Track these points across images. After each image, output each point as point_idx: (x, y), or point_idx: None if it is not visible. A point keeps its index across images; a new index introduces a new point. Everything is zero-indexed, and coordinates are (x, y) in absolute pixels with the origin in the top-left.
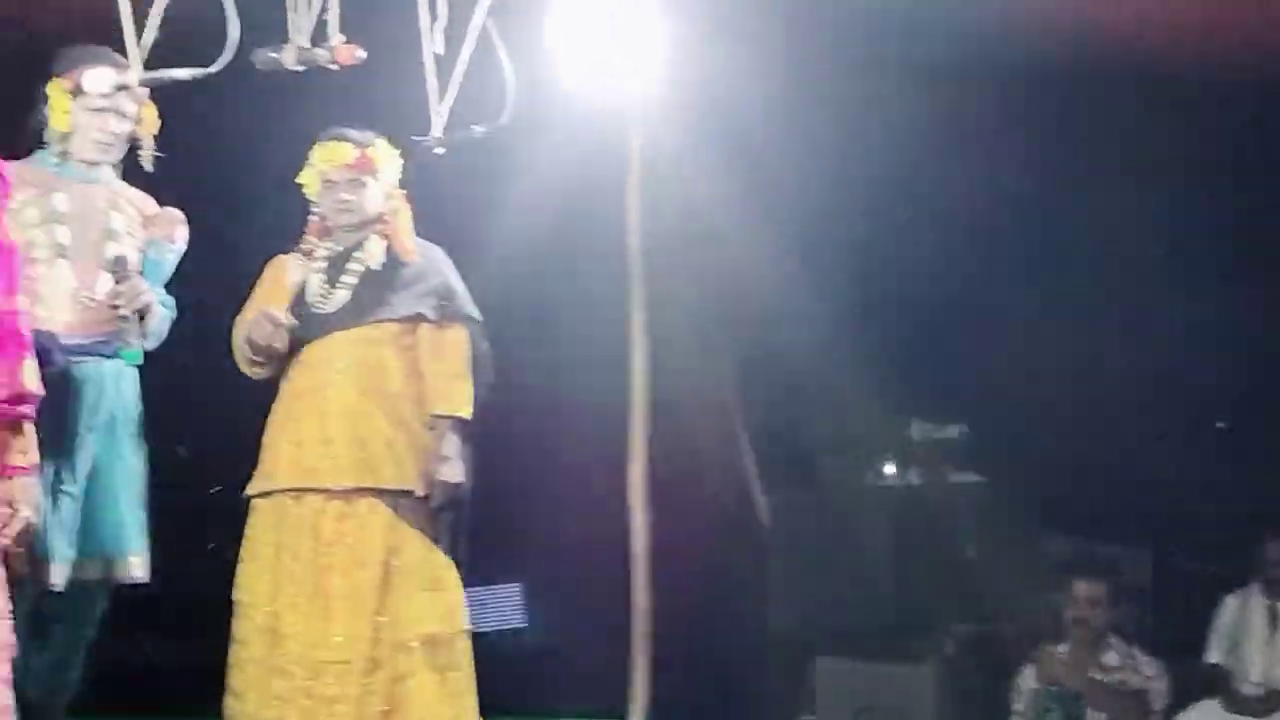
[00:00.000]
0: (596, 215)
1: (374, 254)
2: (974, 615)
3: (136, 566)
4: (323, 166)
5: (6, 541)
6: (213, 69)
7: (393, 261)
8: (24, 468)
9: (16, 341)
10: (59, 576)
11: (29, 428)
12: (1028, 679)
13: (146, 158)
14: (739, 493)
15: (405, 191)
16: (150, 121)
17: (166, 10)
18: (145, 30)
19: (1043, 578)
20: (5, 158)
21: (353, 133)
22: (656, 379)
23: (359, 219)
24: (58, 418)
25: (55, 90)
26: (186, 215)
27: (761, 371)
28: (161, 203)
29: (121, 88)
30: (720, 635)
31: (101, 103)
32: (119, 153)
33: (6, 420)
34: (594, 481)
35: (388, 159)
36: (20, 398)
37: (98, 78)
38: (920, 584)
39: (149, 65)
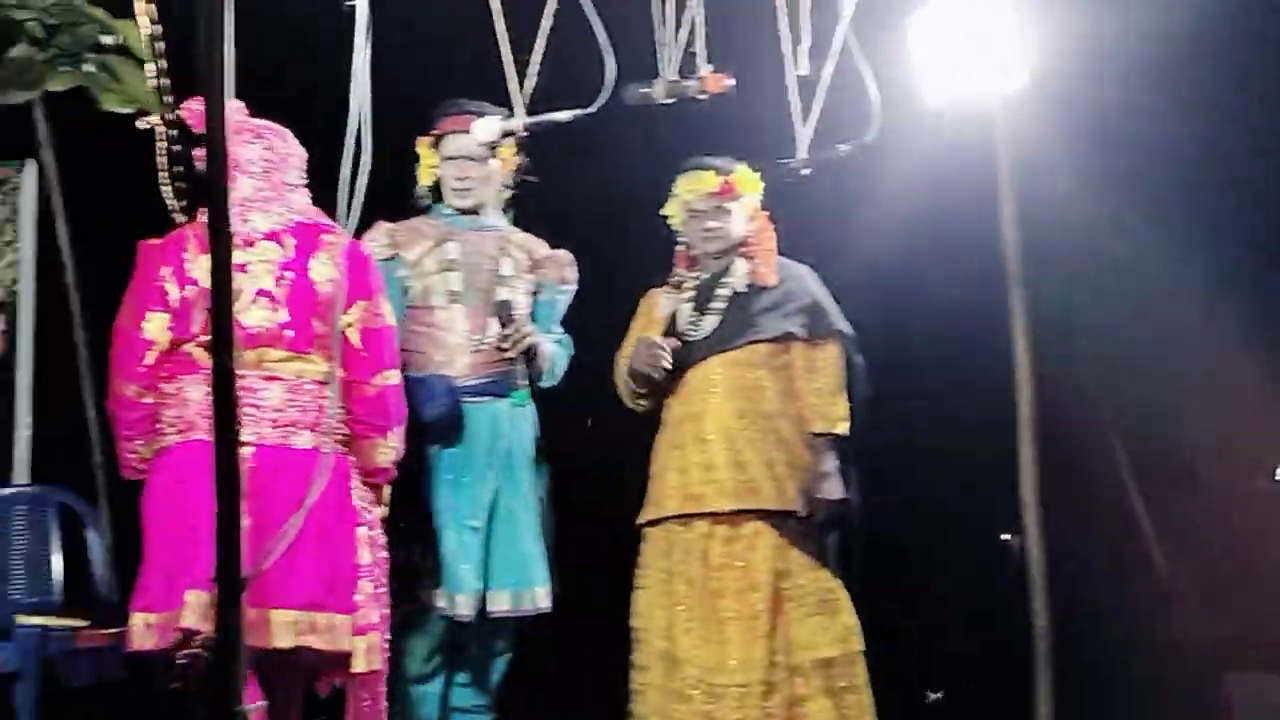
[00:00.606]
0: (969, 226)
1: (740, 278)
2: None
3: (541, 597)
4: (687, 196)
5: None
6: (592, 109)
7: (759, 283)
8: (375, 521)
9: (400, 412)
10: (467, 608)
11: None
12: None
13: (505, 194)
14: (1123, 503)
15: (770, 213)
16: (509, 160)
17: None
18: (526, 78)
19: None
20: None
21: (715, 160)
22: (1042, 390)
23: (725, 245)
24: (459, 456)
25: (421, 147)
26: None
27: (1143, 372)
28: (551, 245)
29: (508, 134)
30: (1121, 651)
31: (453, 151)
32: (480, 197)
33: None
34: (981, 497)
35: (750, 184)
36: (398, 464)
37: (486, 127)
38: None
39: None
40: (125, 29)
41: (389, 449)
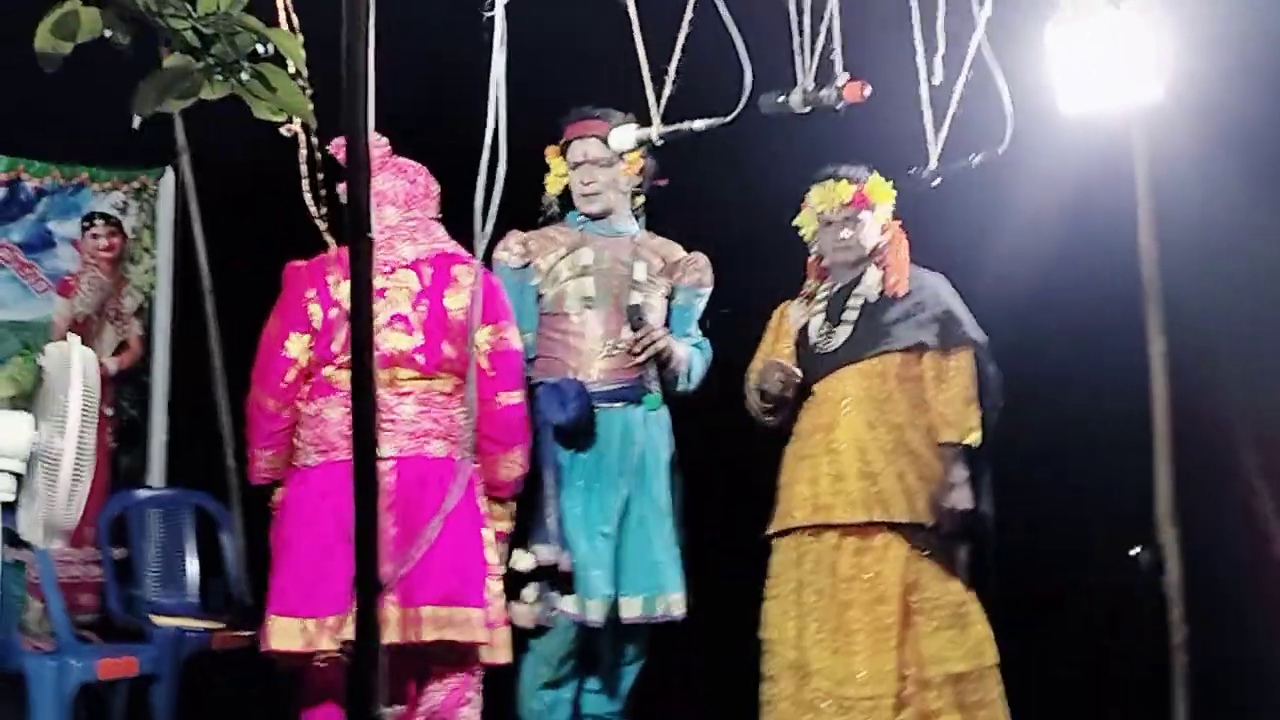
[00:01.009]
0: (1105, 237)
1: (872, 288)
2: None
3: (675, 604)
4: (820, 206)
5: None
6: (728, 118)
7: (891, 293)
8: (503, 533)
9: (525, 430)
10: (598, 614)
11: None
12: None
13: (638, 200)
14: (1260, 519)
15: (901, 222)
16: (635, 164)
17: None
18: (663, 86)
19: None
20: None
21: (847, 170)
22: (1178, 403)
23: (858, 255)
24: (591, 462)
25: (550, 156)
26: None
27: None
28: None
29: (643, 143)
30: (1264, 665)
31: (579, 157)
32: (607, 202)
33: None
34: (1117, 510)
35: (882, 193)
36: (525, 478)
37: (621, 135)
38: None
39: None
40: (280, 38)
41: (513, 464)
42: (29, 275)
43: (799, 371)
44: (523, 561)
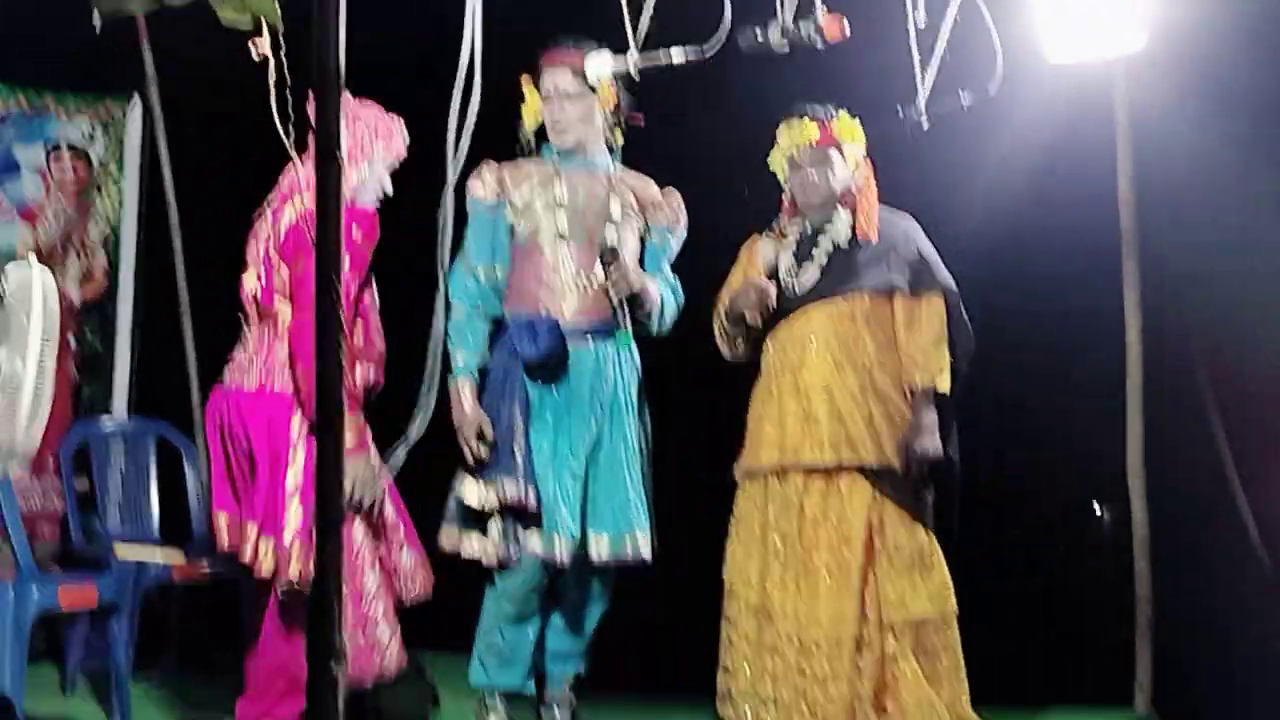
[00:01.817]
0: (1085, 185)
1: (842, 229)
2: None
3: (642, 543)
4: (787, 146)
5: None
6: (707, 48)
7: (861, 237)
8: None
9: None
10: (565, 552)
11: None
12: None
13: (616, 131)
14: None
15: (873, 164)
16: (608, 98)
17: None
18: (641, 16)
19: None
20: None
21: (816, 109)
22: (1151, 352)
23: (825, 196)
24: (562, 398)
25: (526, 87)
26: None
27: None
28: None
29: (620, 74)
30: (1225, 625)
31: (549, 89)
32: (579, 135)
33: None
34: (1088, 459)
35: (851, 132)
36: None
37: (599, 64)
38: None
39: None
40: None
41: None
42: None
43: (773, 289)
44: (490, 497)
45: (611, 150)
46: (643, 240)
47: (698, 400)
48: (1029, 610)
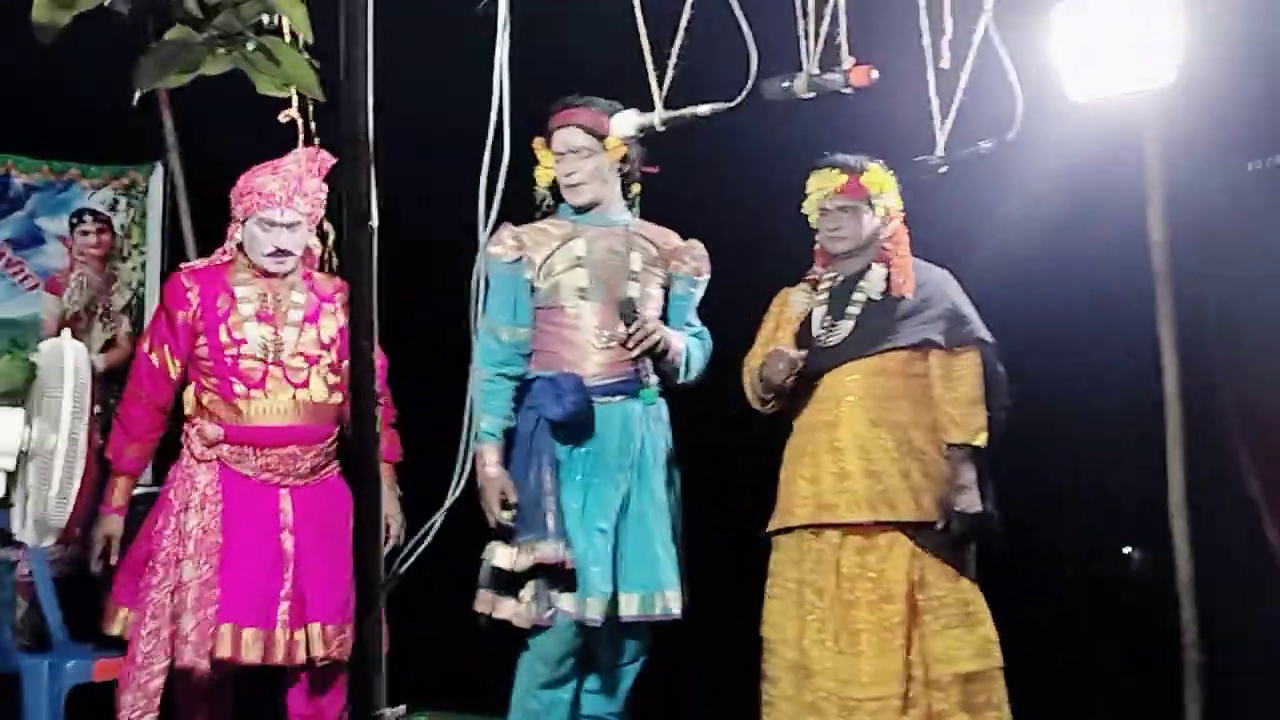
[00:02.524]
0: (1114, 225)
1: (875, 285)
2: None
3: (672, 601)
4: (816, 195)
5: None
6: (733, 103)
7: (896, 293)
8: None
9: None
10: (597, 612)
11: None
12: None
13: (633, 186)
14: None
15: (905, 216)
16: (615, 150)
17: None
18: (666, 70)
19: None
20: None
21: (845, 158)
22: (1190, 392)
23: (852, 245)
24: (589, 457)
25: (538, 148)
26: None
27: None
28: (683, 236)
29: (645, 129)
30: (1267, 665)
31: (560, 147)
32: (595, 192)
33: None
34: (1128, 505)
35: (881, 182)
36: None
37: (623, 122)
38: None
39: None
40: (286, 6)
41: None
42: (17, 272)
43: (803, 356)
44: (521, 559)
45: (630, 204)
46: (666, 291)
47: (730, 454)
48: (1075, 661)
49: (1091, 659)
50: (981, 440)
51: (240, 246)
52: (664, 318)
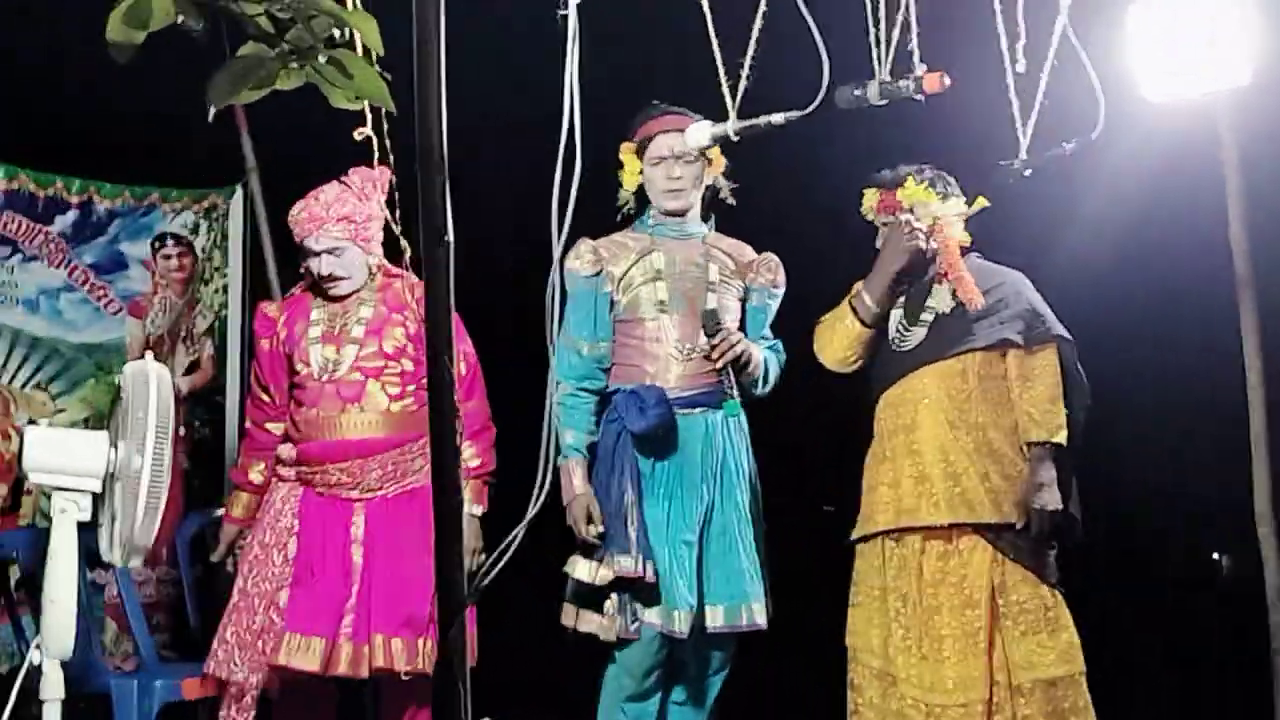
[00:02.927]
0: (1194, 225)
1: (942, 300)
2: None
3: (757, 613)
4: (865, 212)
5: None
6: (807, 111)
7: (966, 302)
8: None
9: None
10: (683, 624)
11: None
12: None
13: (725, 194)
14: None
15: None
16: (718, 162)
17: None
18: (739, 80)
19: None
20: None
21: (886, 174)
22: (1275, 396)
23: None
24: (672, 470)
25: (626, 154)
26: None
27: None
28: (757, 249)
29: (718, 139)
30: None
31: (664, 152)
32: (689, 199)
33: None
34: (1214, 509)
35: (919, 195)
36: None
37: (698, 132)
38: None
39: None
40: (357, 20)
41: None
42: (101, 297)
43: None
44: (602, 572)
45: (705, 217)
46: (742, 303)
47: (813, 462)
48: (1161, 666)
49: (1178, 664)
50: (1061, 438)
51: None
52: (740, 330)
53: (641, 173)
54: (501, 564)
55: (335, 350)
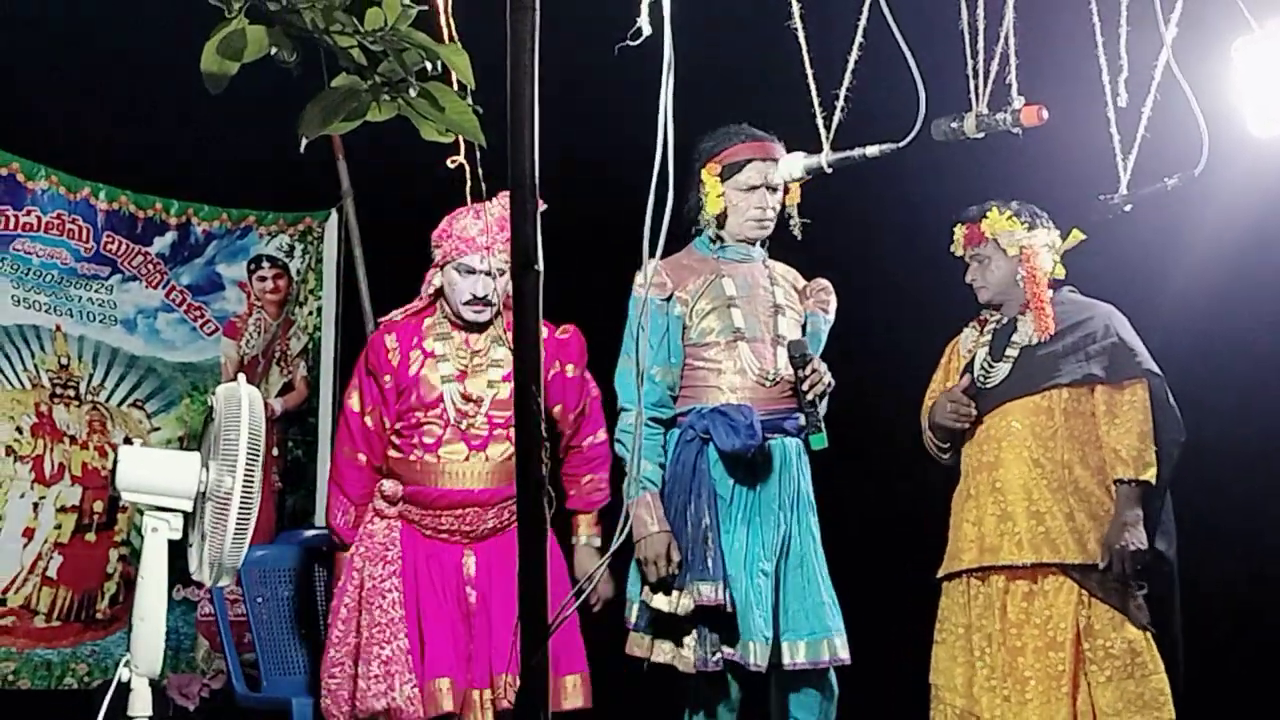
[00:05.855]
0: None
1: (1026, 332)
2: None
3: (841, 647)
4: (955, 248)
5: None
6: (903, 143)
7: (1041, 333)
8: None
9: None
10: (759, 657)
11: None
12: None
13: (796, 227)
14: None
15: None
16: (795, 193)
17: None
18: (834, 111)
19: None
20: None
21: (973, 209)
22: None
23: (993, 293)
24: (751, 495)
25: (708, 175)
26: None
27: None
28: (811, 275)
29: (813, 170)
30: None
31: (758, 180)
32: (770, 229)
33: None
34: None
35: (1002, 224)
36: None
37: (791, 164)
38: None
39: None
40: (449, 54)
41: None
42: (198, 317)
43: (971, 403)
44: (684, 602)
45: (762, 242)
46: (802, 328)
47: (898, 498)
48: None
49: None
50: (1150, 475)
51: (438, 293)
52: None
53: (722, 195)
54: (583, 598)
55: (469, 392)
